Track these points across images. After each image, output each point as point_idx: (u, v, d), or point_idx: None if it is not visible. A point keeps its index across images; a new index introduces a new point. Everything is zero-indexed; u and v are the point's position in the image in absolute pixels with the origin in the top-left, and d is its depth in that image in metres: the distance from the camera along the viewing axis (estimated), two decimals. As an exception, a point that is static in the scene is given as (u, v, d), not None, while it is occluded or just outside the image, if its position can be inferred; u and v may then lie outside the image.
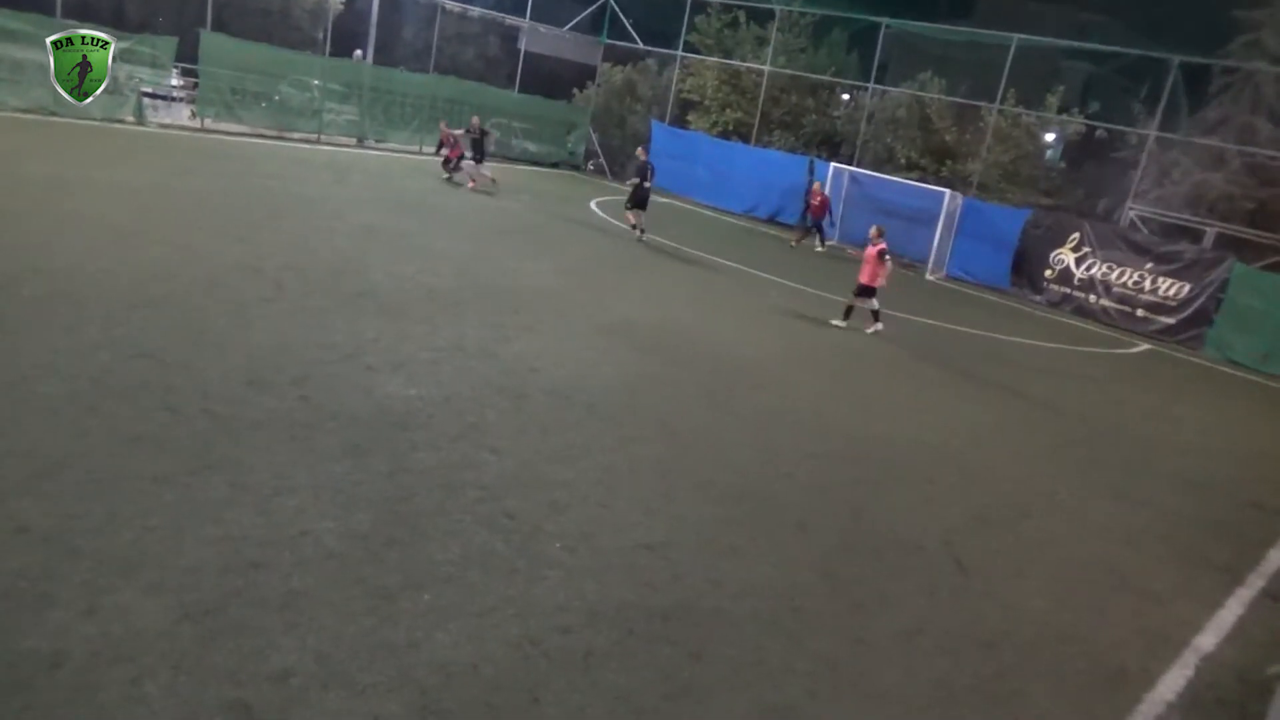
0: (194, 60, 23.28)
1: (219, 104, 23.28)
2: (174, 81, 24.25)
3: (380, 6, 27.64)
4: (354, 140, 26.11)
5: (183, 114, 24.07)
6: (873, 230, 13.78)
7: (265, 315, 9.50)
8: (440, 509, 6.09)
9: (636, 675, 4.77)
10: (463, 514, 6.09)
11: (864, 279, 13.43)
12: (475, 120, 21.64)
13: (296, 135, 24.49)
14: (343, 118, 26.18)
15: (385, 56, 28.97)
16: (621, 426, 8.42)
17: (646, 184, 18.30)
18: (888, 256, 13.37)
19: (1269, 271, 19.46)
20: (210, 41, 23.02)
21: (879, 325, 13.70)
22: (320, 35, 28.17)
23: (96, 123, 20.15)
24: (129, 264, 10.26)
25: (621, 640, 5.06)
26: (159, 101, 23.19)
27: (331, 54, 27.25)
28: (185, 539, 5.06)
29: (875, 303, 13.61)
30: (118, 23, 24.21)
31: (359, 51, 24.64)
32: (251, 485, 5.89)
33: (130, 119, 21.46)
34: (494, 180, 21.26)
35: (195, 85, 24.08)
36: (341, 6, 30.42)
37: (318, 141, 24.85)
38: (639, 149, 20.01)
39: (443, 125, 22.51)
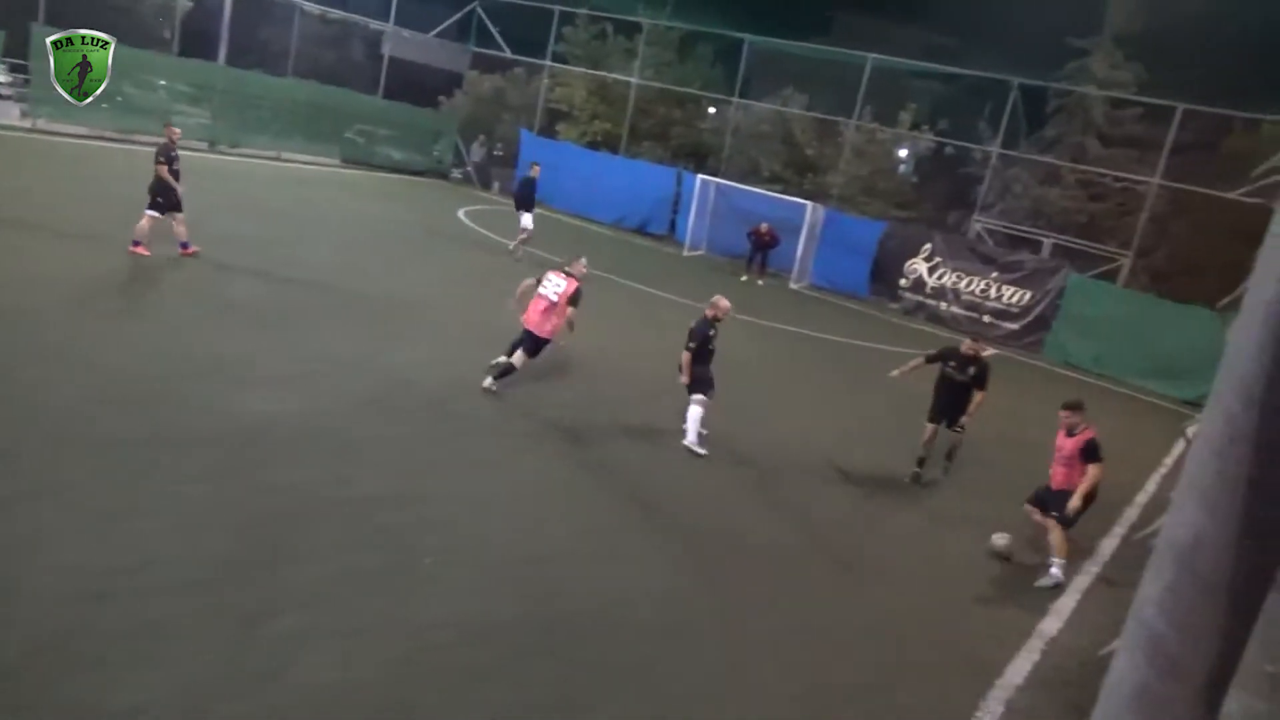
0: (25, 56, 21.60)
1: (55, 103, 21.67)
2: (0, 78, 22.46)
3: (234, 6, 26.43)
4: (206, 144, 24.79)
5: (12, 113, 22.31)
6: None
7: (117, 329, 8.90)
8: (305, 529, 5.67)
9: (519, 690, 4.59)
10: (330, 533, 5.69)
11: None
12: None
13: (143, 139, 23.02)
14: (193, 120, 24.82)
15: (240, 58, 27.69)
16: (499, 437, 8.25)
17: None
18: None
19: (1100, 280, 20.95)
20: (44, 36, 21.39)
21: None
22: (168, 34, 26.72)
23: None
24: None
25: (503, 655, 4.86)
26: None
27: (180, 53, 25.86)
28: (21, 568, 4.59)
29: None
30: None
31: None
32: (96, 510, 5.35)
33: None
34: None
35: (26, 82, 22.36)
36: (191, 4, 28.93)
37: (166, 145, 23.45)
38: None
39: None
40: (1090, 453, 7.62)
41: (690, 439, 8.81)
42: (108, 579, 4.73)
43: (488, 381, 9.16)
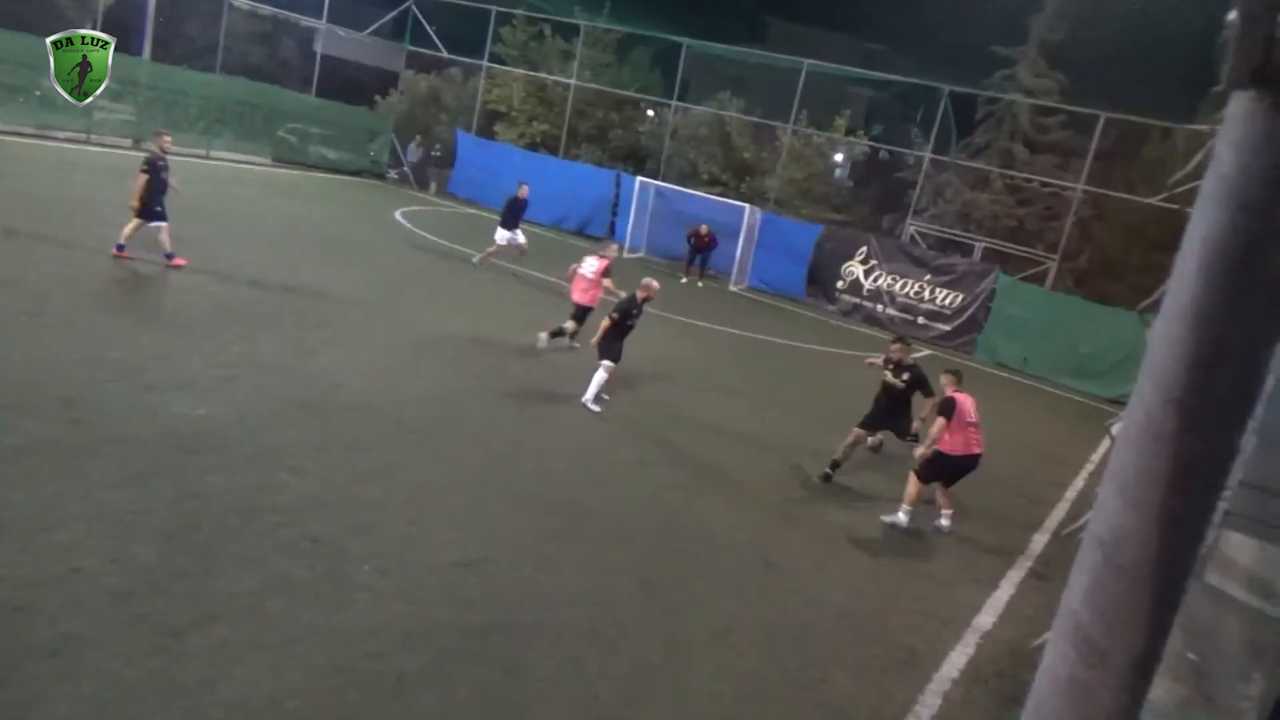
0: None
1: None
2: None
3: (159, -1, 25.71)
4: (130, 141, 24.04)
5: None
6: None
7: (28, 331, 8.58)
8: (234, 536, 5.59)
9: (451, 696, 4.62)
10: (259, 540, 5.62)
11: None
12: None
13: (62, 135, 22.20)
14: (116, 117, 24.07)
15: (166, 53, 26.95)
16: (432, 441, 8.17)
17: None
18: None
19: (1027, 283, 21.51)
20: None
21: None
22: (89, 25, 25.85)
23: None
24: None
25: (435, 662, 4.87)
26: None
27: (103, 47, 25.04)
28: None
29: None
30: None
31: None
32: (13, 520, 5.19)
33: None
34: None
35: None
36: (113, -5, 28.02)
37: (87, 141, 22.72)
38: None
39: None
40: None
41: (588, 398, 9.83)
42: (28, 591, 4.56)
43: (542, 340, 11.40)
